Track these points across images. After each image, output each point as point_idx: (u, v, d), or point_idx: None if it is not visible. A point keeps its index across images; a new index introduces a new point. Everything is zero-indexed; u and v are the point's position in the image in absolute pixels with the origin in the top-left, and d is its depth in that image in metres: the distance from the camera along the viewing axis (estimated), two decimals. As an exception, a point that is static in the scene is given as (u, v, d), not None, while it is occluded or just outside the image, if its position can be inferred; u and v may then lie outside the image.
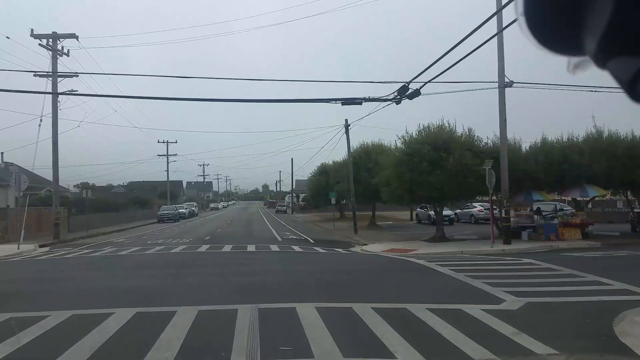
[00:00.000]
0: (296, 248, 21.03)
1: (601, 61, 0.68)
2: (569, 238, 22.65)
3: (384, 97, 19.35)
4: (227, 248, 21.01)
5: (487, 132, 22.39)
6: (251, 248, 20.88)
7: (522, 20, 0.70)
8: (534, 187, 22.86)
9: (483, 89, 20.62)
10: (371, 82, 19.92)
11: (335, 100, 19.65)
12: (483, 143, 22.62)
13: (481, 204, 37.65)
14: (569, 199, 25.04)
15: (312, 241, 25.46)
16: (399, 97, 19.07)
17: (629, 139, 22.93)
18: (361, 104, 19.77)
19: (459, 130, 22.65)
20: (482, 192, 22.61)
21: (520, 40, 0.83)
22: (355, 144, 37.72)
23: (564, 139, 23.57)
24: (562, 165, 22.26)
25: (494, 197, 24.35)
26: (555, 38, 0.71)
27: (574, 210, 25.46)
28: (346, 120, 30.76)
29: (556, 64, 0.82)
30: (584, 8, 0.65)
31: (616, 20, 0.62)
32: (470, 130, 22.57)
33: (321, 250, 20.12)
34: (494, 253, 18.98)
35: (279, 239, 26.13)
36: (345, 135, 31.08)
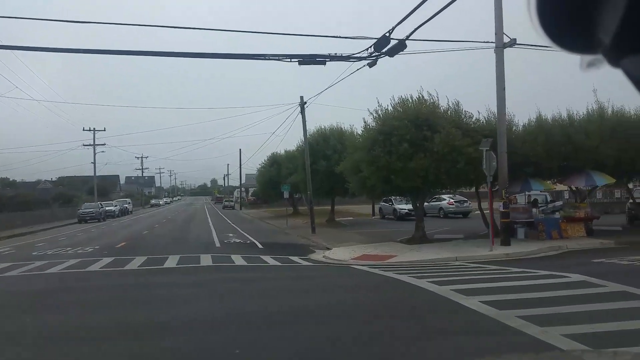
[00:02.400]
0: (237, 259, 15.54)
1: (614, 59, 0.67)
2: (573, 236, 18.75)
3: (356, 55, 14.56)
4: (137, 263, 15.17)
5: (475, 107, 18.52)
6: (171, 262, 15.15)
7: (534, 17, 0.69)
8: (533, 175, 18.80)
9: (474, 48, 16.34)
10: (338, 37, 14.97)
11: (291, 57, 14.67)
12: (474, 119, 18.26)
13: (450, 196, 33.79)
14: (574, 188, 21.24)
15: (260, 246, 20.26)
16: (375, 54, 14.34)
17: (638, 116, 19.28)
18: (325, 64, 14.88)
19: (443, 104, 18.21)
20: (473, 180, 18.26)
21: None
22: (311, 127, 32.81)
23: (562, 117, 19.64)
24: (565, 148, 18.31)
25: (482, 188, 20.22)
26: (568, 36, 0.70)
27: (572, 202, 21.70)
28: (301, 97, 25.72)
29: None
30: (597, 6, 0.64)
31: (629, 18, 0.61)
32: (457, 103, 18.19)
33: (272, 262, 14.86)
34: (499, 260, 14.63)
35: (217, 245, 20.52)
36: (300, 116, 26.04)
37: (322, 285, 10.56)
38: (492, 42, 16.87)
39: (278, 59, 14.83)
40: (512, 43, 16.37)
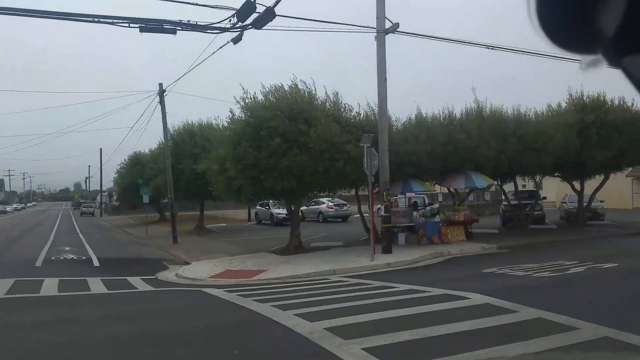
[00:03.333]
0: (50, 286, 11.37)
1: (614, 60, 0.67)
2: (453, 240, 17.77)
3: (216, 24, 11.72)
4: None
5: (359, 101, 17.24)
6: None
7: (534, 18, 0.69)
8: (414, 175, 17.47)
9: (356, 31, 14.41)
10: (195, 4, 12.19)
11: (131, 21, 11.38)
12: (354, 113, 16.38)
13: (330, 199, 32.23)
14: (452, 190, 20.44)
15: (96, 263, 16.29)
16: (240, 25, 11.65)
17: (515, 116, 18.96)
18: (175, 33, 11.87)
19: (321, 95, 16.06)
20: (354, 181, 16.33)
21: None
22: (177, 123, 29.04)
23: (442, 115, 18.67)
24: (446, 148, 17.23)
25: (361, 190, 18.52)
26: (568, 36, 0.70)
27: (451, 204, 20.96)
28: (160, 85, 22.04)
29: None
30: (597, 6, 0.64)
31: (629, 18, 0.61)
32: (336, 94, 16.16)
33: (97, 289, 11.13)
34: (381, 272, 12.76)
35: (38, 264, 15.67)
36: (160, 107, 22.35)
37: (135, 333, 7.28)
38: (373, 28, 15.15)
39: (112, 23, 11.45)
40: (394, 28, 14.74)
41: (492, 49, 16.50)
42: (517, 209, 21.93)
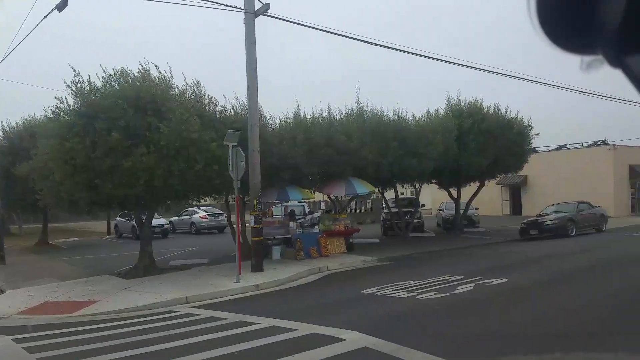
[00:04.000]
0: None
1: (614, 60, 0.67)
2: (333, 252, 16.15)
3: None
4: None
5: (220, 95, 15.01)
6: None
7: (535, 19, 0.69)
8: (291, 181, 15.56)
9: (222, 8, 12.06)
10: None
11: None
12: (219, 107, 14.00)
13: (204, 208, 29.31)
14: (333, 197, 18.85)
15: None
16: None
17: (395, 119, 17.98)
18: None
19: (179, 84, 13.46)
20: (220, 186, 13.88)
21: None
22: (17, 117, 24.19)
23: (322, 115, 17.07)
24: (326, 150, 15.60)
25: (230, 198, 16.16)
26: (568, 37, 0.69)
27: (332, 213, 19.41)
28: (-19, 67, 17.67)
29: None
30: (597, 7, 0.64)
31: (629, 18, 0.61)
32: (198, 84, 13.64)
33: None
34: (246, 297, 10.56)
35: None
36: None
37: None
38: (241, 9, 12.98)
39: None
40: (265, 9, 12.70)
41: (372, 44, 15.19)
42: (397, 217, 21.09)
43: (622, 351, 4.09)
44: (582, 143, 35.13)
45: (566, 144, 36.32)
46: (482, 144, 19.56)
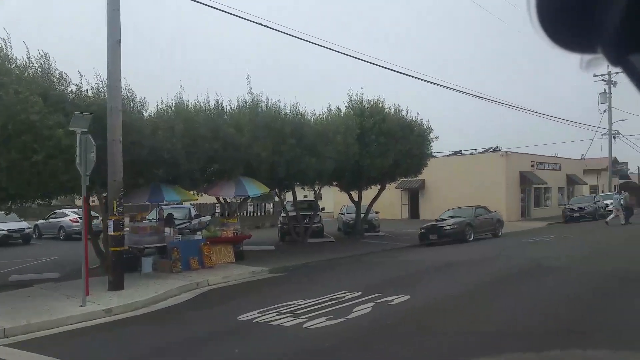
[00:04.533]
0: None
1: (615, 58, 0.67)
2: (219, 262, 14.06)
3: None
4: None
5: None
6: None
7: (534, 16, 0.67)
8: (169, 179, 13.21)
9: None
10: None
11: None
12: (73, 85, 11.30)
13: (76, 210, 25.54)
14: (222, 199, 16.60)
15: None
16: None
17: (294, 114, 16.31)
18: None
19: (20, 56, 10.63)
20: (69, 183, 11.10)
21: None
22: None
23: (210, 104, 14.92)
24: (212, 144, 13.48)
25: (93, 198, 13.37)
26: (568, 35, 0.68)
27: (222, 217, 17.21)
28: None
29: None
30: (597, 5, 0.63)
31: (630, 16, 0.60)
32: (46, 57, 10.86)
33: None
34: (86, 326, 8.17)
35: None
36: None
37: None
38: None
39: None
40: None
41: (265, 27, 13.36)
42: (295, 222, 19.43)
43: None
44: (476, 149, 36.20)
45: (461, 150, 37.25)
46: (383, 145, 18.58)
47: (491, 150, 34.90)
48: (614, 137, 40.67)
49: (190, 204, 18.64)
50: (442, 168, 35.43)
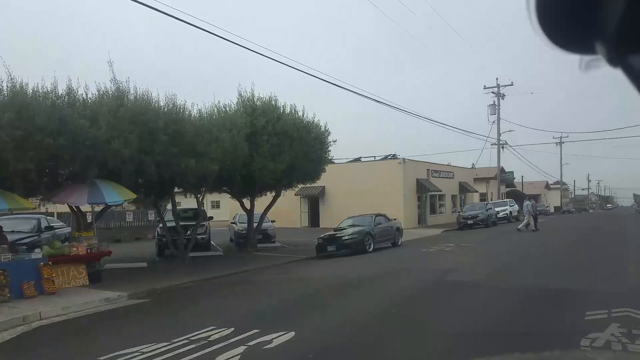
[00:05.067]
0: None
1: (614, 59, 0.66)
2: (66, 287, 11.19)
3: None
4: None
5: None
6: None
7: (533, 18, 0.67)
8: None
9: None
10: None
11: None
12: None
13: None
14: (75, 208, 13.52)
15: None
16: None
17: (169, 107, 13.86)
18: None
19: None
20: None
21: None
22: None
23: (59, 91, 11.99)
24: (57, 138, 10.63)
25: None
26: (568, 36, 0.68)
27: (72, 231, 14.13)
28: None
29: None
30: (597, 6, 0.63)
31: (629, 17, 0.60)
32: None
33: None
34: None
35: None
36: None
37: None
38: None
39: None
40: None
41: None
42: (175, 233, 16.80)
43: None
44: (374, 156, 35.74)
45: (360, 157, 36.65)
46: (277, 146, 16.71)
47: (389, 157, 34.58)
48: (502, 147, 42.62)
49: (42, 215, 15.24)
50: (343, 175, 34.52)
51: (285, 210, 34.02)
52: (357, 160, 36.40)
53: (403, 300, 8.54)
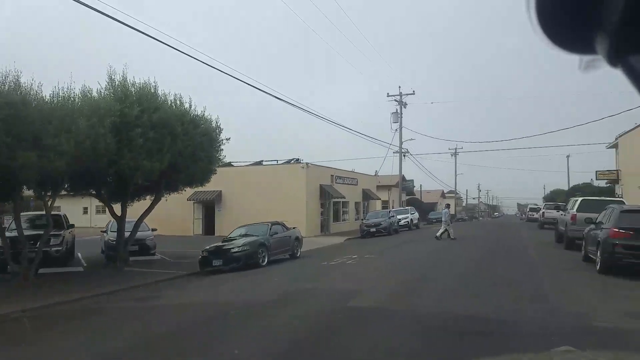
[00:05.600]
0: None
1: (613, 59, 0.67)
2: None
3: None
4: None
5: None
6: None
7: (534, 18, 0.68)
8: None
9: None
10: None
11: None
12: None
13: None
14: None
15: None
16: None
17: (8, 88, 10.71)
18: None
19: None
20: None
21: None
22: None
23: None
24: None
25: None
26: (568, 37, 0.69)
27: None
28: None
29: None
30: (596, 6, 0.63)
31: (629, 18, 0.61)
32: None
33: None
34: None
35: None
36: None
37: None
38: None
39: None
40: None
41: None
42: (19, 246, 13.35)
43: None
44: (277, 160, 33.72)
45: (262, 160, 34.46)
46: (154, 141, 13.96)
47: (292, 161, 32.73)
48: (404, 156, 42.68)
49: None
50: (242, 179, 32.12)
51: (177, 216, 30.83)
52: (259, 163, 34.14)
53: (290, 345, 6.40)
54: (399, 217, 34.43)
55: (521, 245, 20.84)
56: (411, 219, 37.08)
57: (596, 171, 35.10)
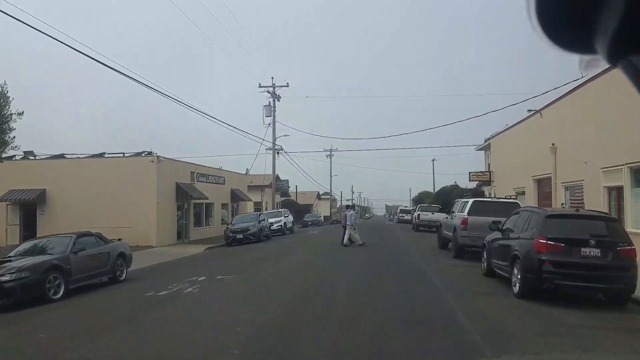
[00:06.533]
0: None
1: (614, 59, 0.66)
2: None
3: None
4: None
5: None
6: None
7: (534, 18, 0.67)
8: None
9: None
10: None
11: None
12: None
13: None
14: None
15: None
16: None
17: None
18: None
19: None
20: None
21: None
22: None
23: None
24: None
25: None
26: (568, 36, 0.68)
27: None
28: None
29: None
30: (596, 6, 0.63)
31: (629, 17, 0.60)
32: None
33: None
34: None
35: None
36: None
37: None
38: None
39: None
40: None
41: None
42: None
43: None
44: (124, 153, 27.66)
45: (104, 152, 28.12)
46: None
47: (143, 154, 26.96)
48: (278, 153, 38.93)
49: None
50: (76, 174, 25.64)
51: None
52: (100, 156, 27.79)
53: None
54: (270, 220, 30.51)
55: (406, 252, 18.02)
56: (285, 223, 33.42)
57: (469, 172, 34.51)
